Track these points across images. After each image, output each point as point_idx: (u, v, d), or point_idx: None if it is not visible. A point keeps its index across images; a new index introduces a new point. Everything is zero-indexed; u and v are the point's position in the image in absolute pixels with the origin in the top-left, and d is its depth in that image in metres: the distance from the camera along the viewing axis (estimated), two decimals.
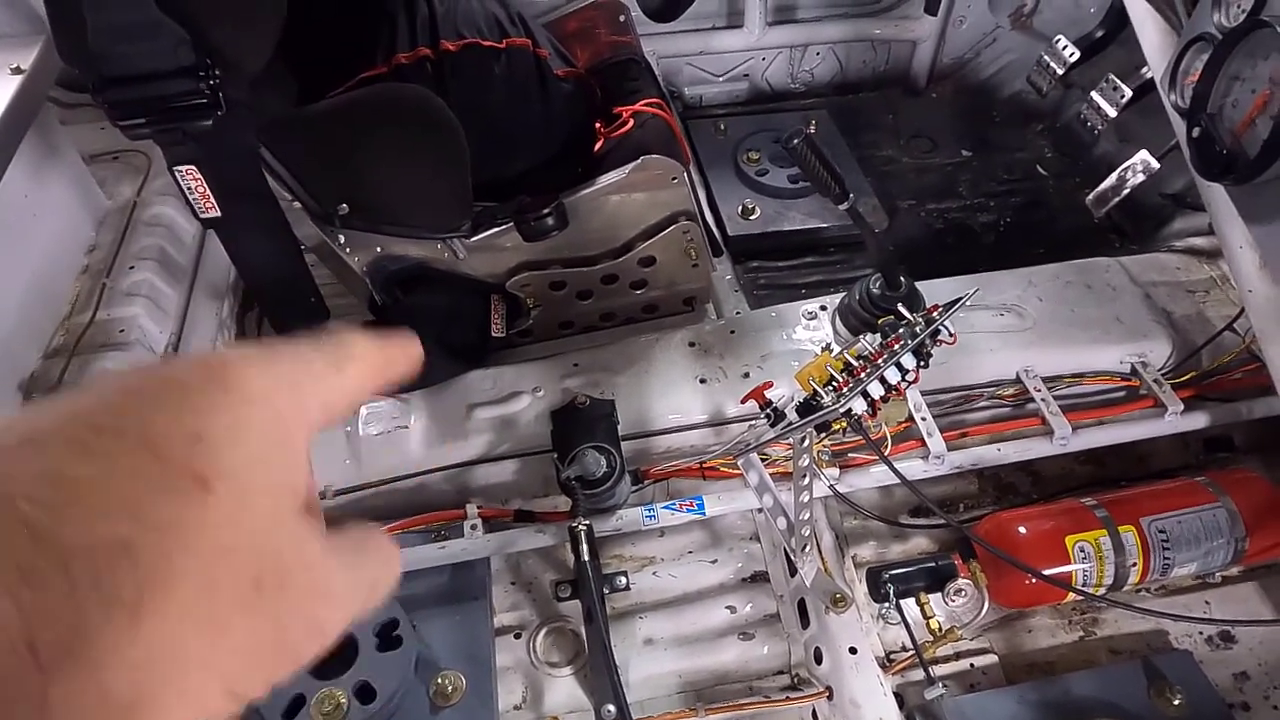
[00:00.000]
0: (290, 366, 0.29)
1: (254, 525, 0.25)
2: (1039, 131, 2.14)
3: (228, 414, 0.26)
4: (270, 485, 0.26)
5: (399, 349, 0.35)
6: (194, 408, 0.25)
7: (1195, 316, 1.39)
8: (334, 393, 0.31)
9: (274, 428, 0.27)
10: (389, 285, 1.33)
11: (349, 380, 0.32)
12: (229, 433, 0.25)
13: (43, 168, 1.35)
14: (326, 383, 0.31)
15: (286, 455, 0.27)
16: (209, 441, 0.25)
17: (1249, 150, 0.86)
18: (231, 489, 0.24)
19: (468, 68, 1.25)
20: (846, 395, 0.91)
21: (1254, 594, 1.21)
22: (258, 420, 0.26)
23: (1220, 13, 0.92)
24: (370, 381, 0.33)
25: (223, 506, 0.24)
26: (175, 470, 0.24)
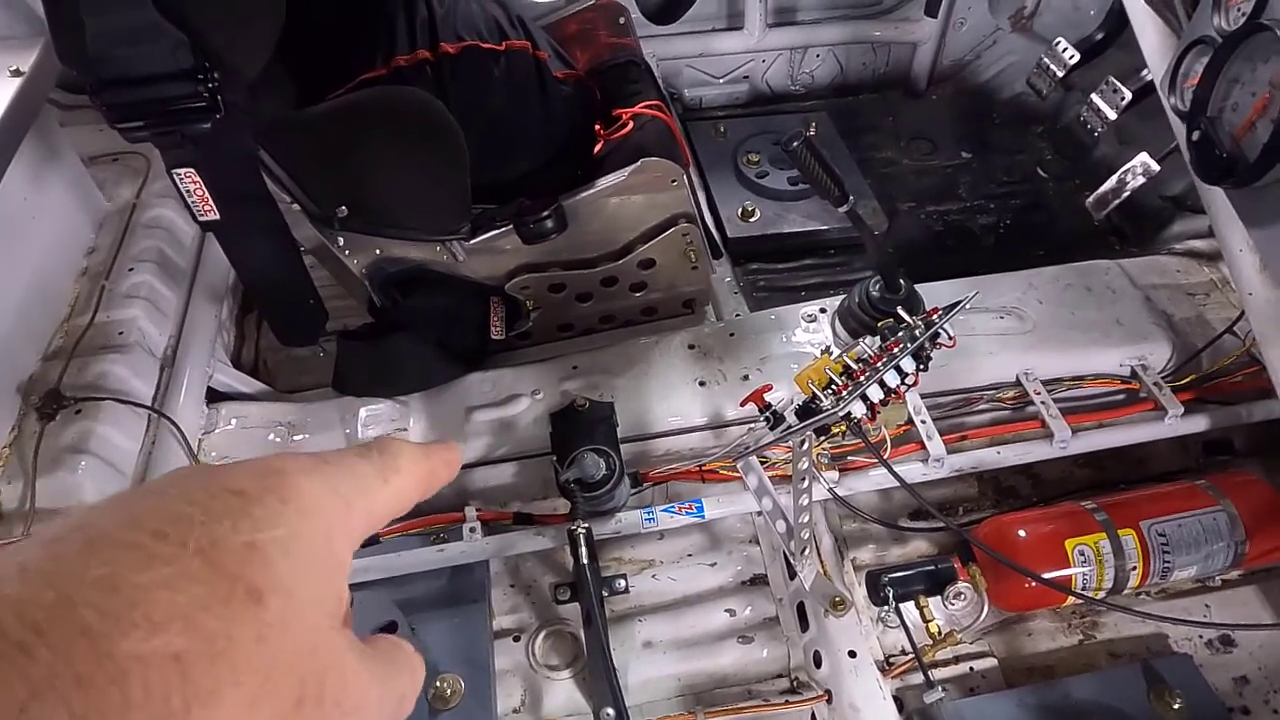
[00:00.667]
0: (341, 479, 0.30)
1: (299, 641, 0.25)
2: (1039, 134, 2.14)
3: (283, 527, 0.26)
4: (316, 599, 0.27)
5: (442, 460, 0.36)
6: (251, 518, 0.26)
7: (1195, 319, 1.39)
8: (378, 505, 0.32)
9: (323, 541, 0.28)
10: (388, 287, 1.33)
11: (393, 491, 0.33)
12: (282, 545, 0.26)
13: (42, 170, 1.34)
14: (372, 495, 0.32)
15: (332, 568, 0.28)
16: (263, 553, 0.25)
17: (1249, 154, 0.86)
18: (281, 603, 0.25)
19: (467, 70, 1.25)
20: (846, 398, 0.91)
21: (1254, 597, 1.21)
22: (309, 533, 0.27)
23: (1220, 16, 0.92)
24: (413, 490, 0.34)
25: (272, 620, 0.25)
26: (229, 582, 0.24)
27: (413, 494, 0.34)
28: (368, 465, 0.32)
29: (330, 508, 0.29)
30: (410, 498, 0.34)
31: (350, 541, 0.30)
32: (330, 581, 0.28)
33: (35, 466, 1.12)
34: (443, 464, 0.36)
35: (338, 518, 0.29)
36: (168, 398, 1.28)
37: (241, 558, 0.25)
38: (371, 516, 0.31)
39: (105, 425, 1.17)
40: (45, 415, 1.17)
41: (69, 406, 1.18)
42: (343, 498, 0.29)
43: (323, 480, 0.29)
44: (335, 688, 0.26)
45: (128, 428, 1.20)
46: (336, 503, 0.29)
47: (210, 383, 1.36)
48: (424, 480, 0.35)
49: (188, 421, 1.26)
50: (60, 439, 1.15)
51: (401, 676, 0.32)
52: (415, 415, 1.30)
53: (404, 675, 0.32)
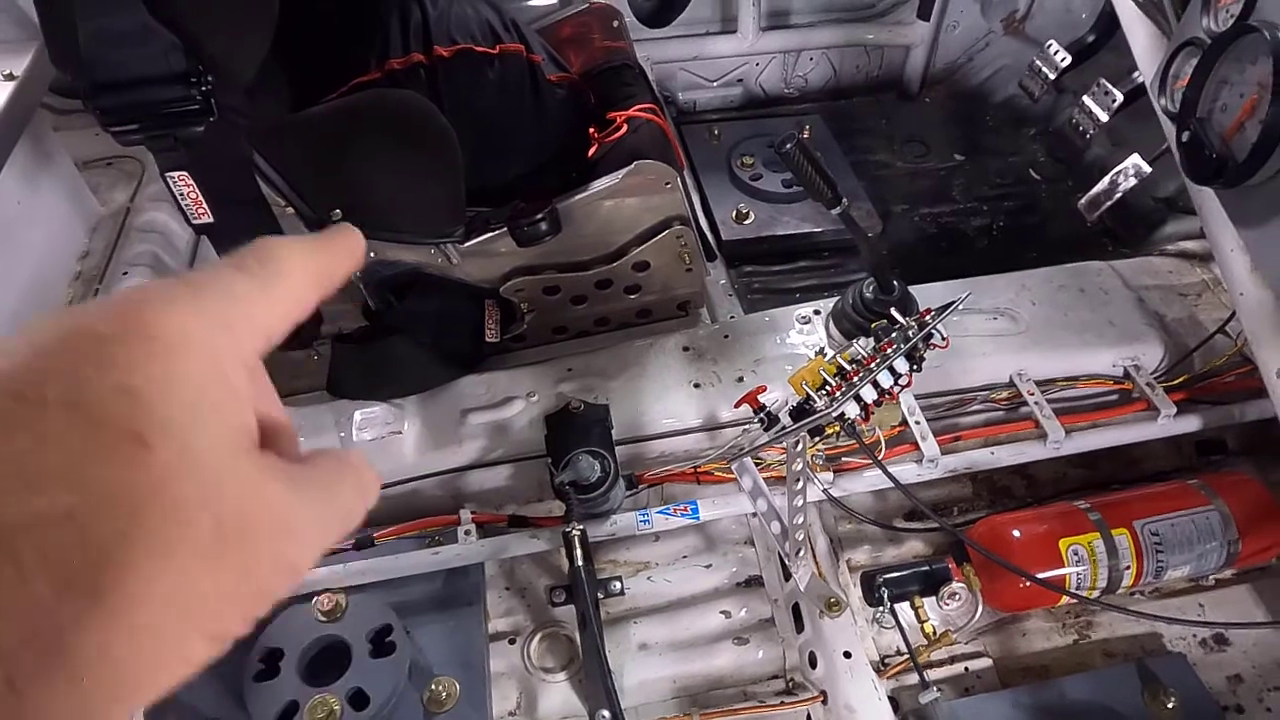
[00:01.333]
0: (215, 299, 0.27)
1: (203, 476, 0.24)
2: (1031, 136, 2.15)
3: (155, 363, 0.24)
4: (214, 430, 0.25)
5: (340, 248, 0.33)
6: (118, 361, 0.23)
7: (1188, 320, 1.39)
8: (268, 316, 0.29)
9: (208, 369, 0.25)
10: (383, 290, 1.33)
11: (280, 298, 0.30)
12: (160, 383, 0.24)
13: (35, 174, 1.35)
14: (257, 307, 0.29)
15: (226, 395, 0.26)
16: (139, 395, 0.23)
17: (1238, 154, 0.86)
18: (172, 442, 0.23)
19: (461, 73, 1.25)
20: (839, 399, 0.91)
21: (1247, 596, 1.21)
22: (188, 364, 0.25)
23: (1209, 17, 0.93)
24: (307, 292, 0.31)
25: (166, 462, 0.23)
26: (109, 431, 0.22)
27: (308, 293, 0.31)
28: (243, 277, 0.29)
29: (205, 333, 0.26)
30: (305, 298, 0.31)
31: (241, 363, 0.27)
32: (228, 410, 0.25)
33: None
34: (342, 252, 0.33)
35: (219, 342, 0.26)
36: None
37: (114, 403, 0.23)
38: (263, 331, 0.29)
39: None
40: None
41: None
42: (219, 319, 0.27)
43: (191, 305, 0.26)
44: (259, 515, 0.25)
45: None
46: (212, 327, 0.26)
47: None
48: (319, 276, 0.31)
49: None
50: None
51: (343, 491, 0.30)
52: (410, 418, 1.30)
53: (346, 489, 0.30)
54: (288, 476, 0.27)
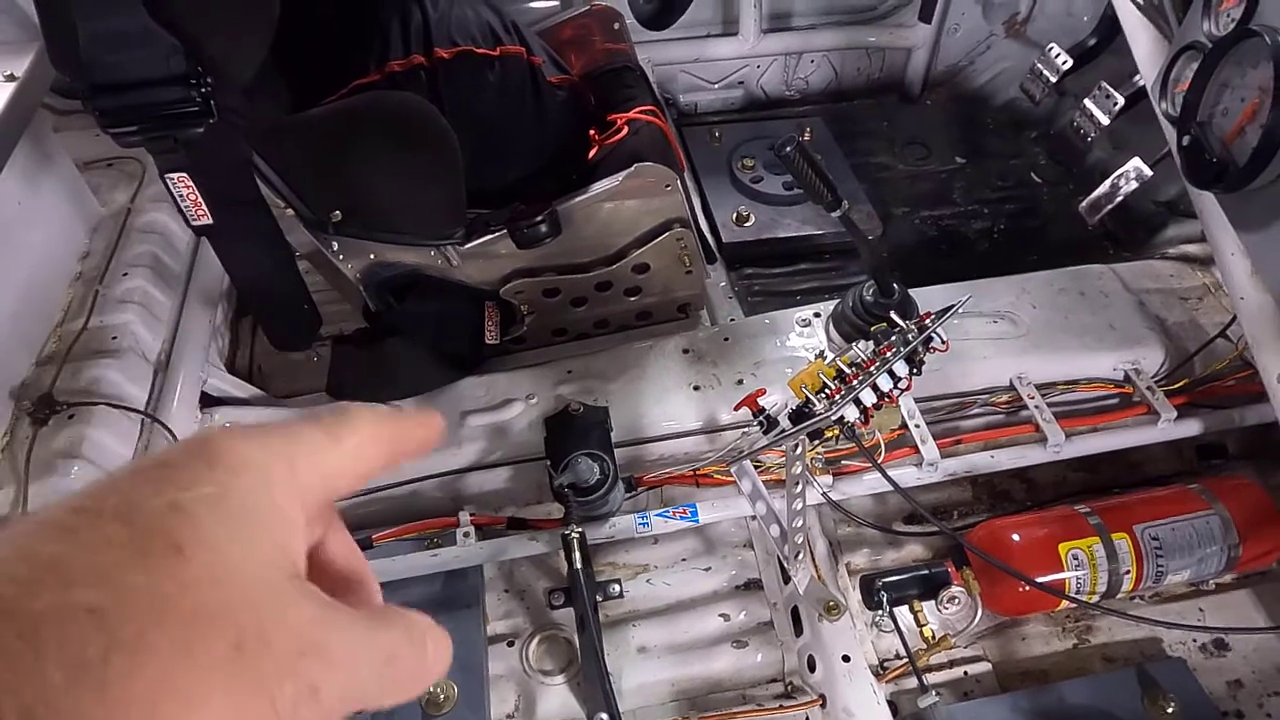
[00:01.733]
0: (281, 438, 0.29)
1: (233, 591, 0.24)
2: (1033, 139, 2.14)
3: (209, 485, 0.26)
4: (254, 551, 0.26)
5: (412, 421, 0.34)
6: (174, 481, 0.25)
7: (1188, 323, 1.39)
8: (331, 464, 0.31)
9: (259, 496, 0.27)
10: (382, 292, 1.33)
11: (347, 451, 0.31)
12: (209, 502, 0.25)
13: (36, 175, 1.34)
14: (322, 454, 0.30)
15: (273, 522, 0.27)
16: (186, 510, 0.25)
17: (1238, 158, 0.86)
18: (208, 555, 0.24)
19: (461, 75, 1.25)
20: (839, 402, 0.91)
21: (1247, 601, 1.21)
22: (241, 489, 0.26)
23: (1210, 21, 0.93)
24: (375, 452, 0.33)
25: (198, 571, 0.24)
26: (149, 539, 0.24)
27: (375, 453, 0.32)
28: (313, 426, 0.31)
29: (265, 464, 0.28)
30: (372, 457, 0.32)
31: (298, 497, 0.28)
32: (271, 533, 0.27)
33: (27, 471, 1.12)
34: (415, 425, 0.34)
35: (276, 473, 0.28)
36: (161, 402, 1.27)
37: (162, 517, 0.24)
38: (324, 473, 0.30)
39: (98, 430, 1.17)
40: (38, 420, 1.17)
41: (62, 411, 1.18)
42: (281, 455, 0.28)
43: (256, 441, 0.28)
44: (284, 634, 0.25)
45: (120, 433, 1.20)
46: (273, 460, 0.28)
47: (204, 387, 1.36)
48: (390, 440, 0.33)
49: (181, 426, 1.26)
50: (53, 444, 1.15)
51: (391, 634, 0.29)
52: None
53: (395, 633, 0.30)
54: (331, 606, 0.27)
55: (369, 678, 0.28)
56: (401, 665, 0.30)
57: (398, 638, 0.30)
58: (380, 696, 0.29)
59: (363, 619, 0.28)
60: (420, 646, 0.31)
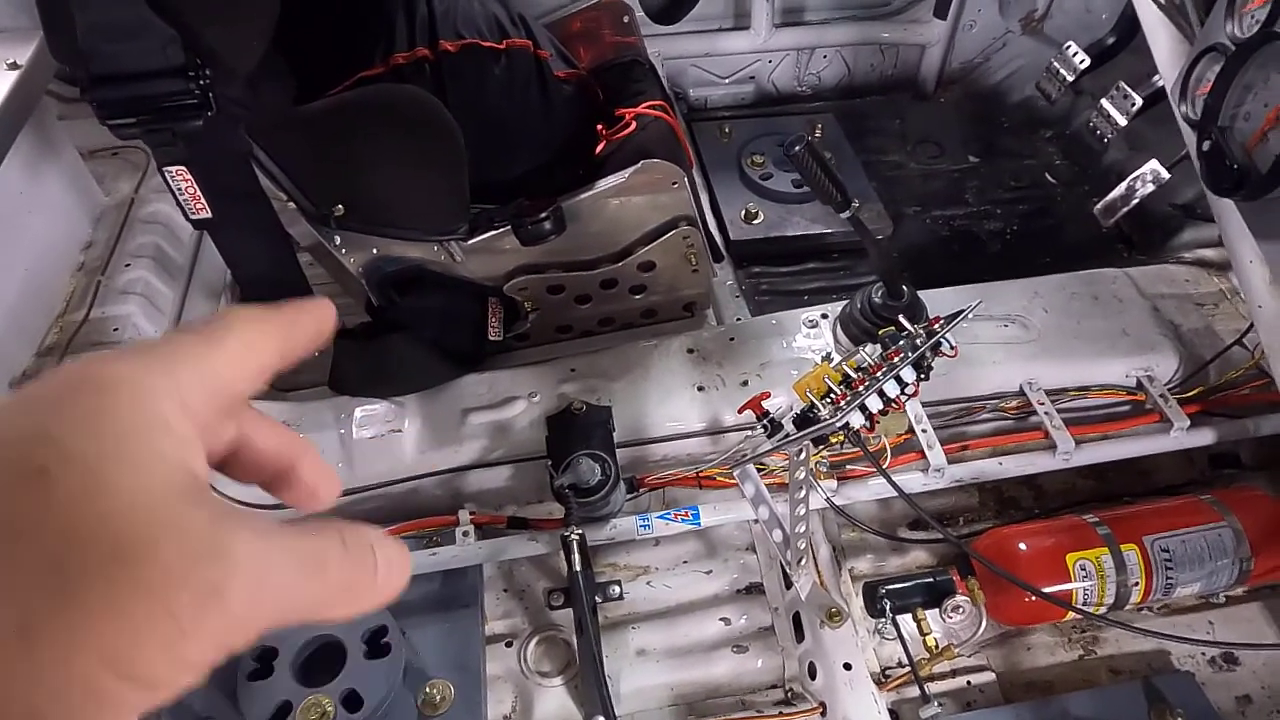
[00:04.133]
0: (156, 351, 0.29)
1: (110, 504, 0.24)
2: (1048, 138, 2.11)
3: (78, 406, 0.25)
4: (133, 465, 0.25)
5: (298, 309, 0.34)
6: (44, 408, 0.25)
7: (1204, 330, 1.36)
8: (216, 366, 0.30)
9: (135, 410, 0.26)
10: (385, 287, 1.32)
11: (232, 350, 0.31)
12: (80, 423, 0.25)
13: (39, 163, 1.34)
14: (203, 359, 0.30)
15: (154, 433, 0.26)
16: (55, 435, 0.24)
17: (1260, 165, 0.84)
18: (77, 473, 0.24)
19: (467, 69, 1.23)
20: (844, 408, 0.89)
21: (1259, 615, 1.19)
22: (114, 405, 0.26)
23: (1233, 23, 0.90)
24: (264, 346, 0.32)
25: (66, 491, 0.23)
26: (13, 469, 0.23)
27: (264, 347, 0.32)
28: (188, 333, 0.30)
29: (139, 378, 0.27)
30: (261, 351, 0.32)
31: (181, 405, 0.27)
32: (152, 445, 0.26)
33: None
34: (302, 313, 0.34)
35: (154, 385, 0.27)
36: None
37: (26, 442, 0.24)
38: (211, 376, 0.30)
39: None
40: None
41: None
42: (156, 368, 0.28)
43: (129, 358, 0.27)
44: (173, 540, 0.24)
45: None
46: (147, 373, 0.27)
47: None
48: (277, 331, 0.33)
49: None
50: None
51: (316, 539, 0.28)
52: (411, 416, 1.29)
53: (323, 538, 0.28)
54: (233, 512, 0.26)
55: (288, 583, 0.27)
56: (334, 571, 0.28)
57: (326, 543, 0.28)
58: (316, 607, 0.28)
59: (281, 524, 0.27)
60: (359, 554, 0.29)
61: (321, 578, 0.28)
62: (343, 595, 0.29)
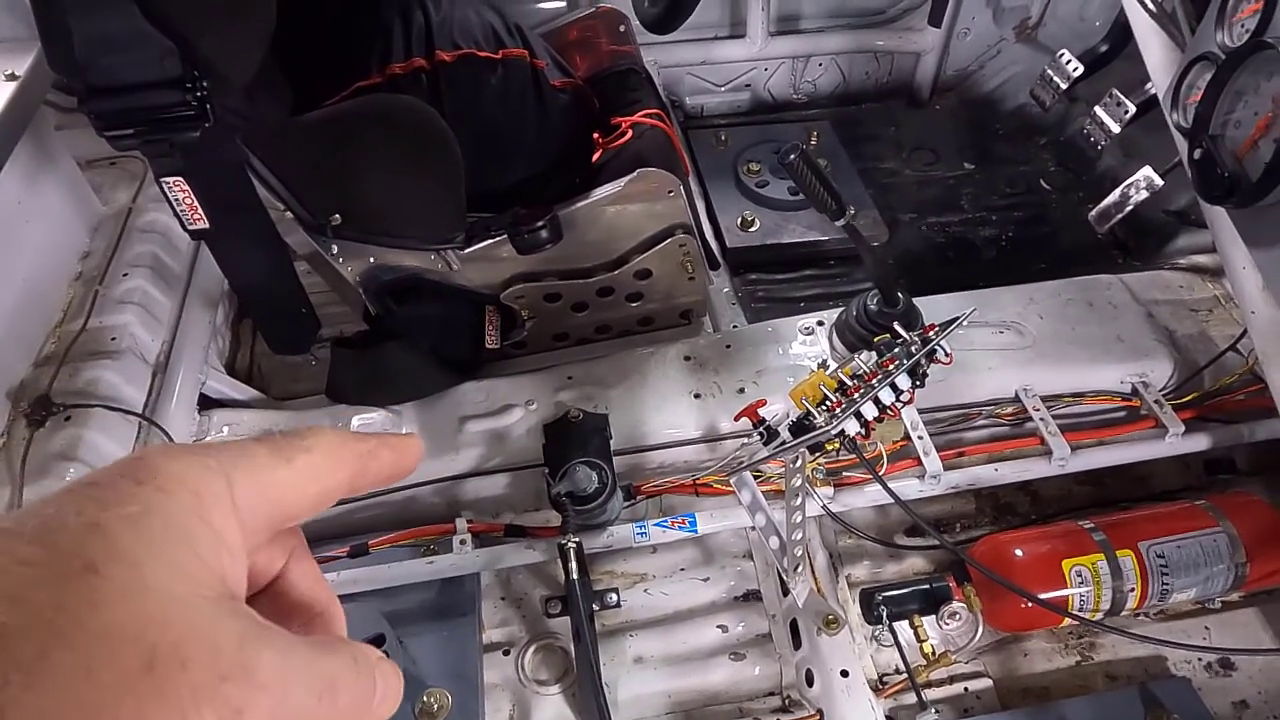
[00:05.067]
0: (220, 456, 0.28)
1: (148, 609, 0.23)
2: (1042, 145, 2.12)
3: (134, 503, 0.25)
4: (176, 569, 0.25)
5: (385, 446, 0.33)
6: (99, 500, 0.25)
7: (1198, 336, 1.37)
8: (278, 483, 0.30)
9: (187, 513, 0.26)
10: (382, 295, 1.32)
11: (298, 470, 0.30)
12: (131, 520, 0.24)
13: (37, 173, 1.34)
14: (266, 473, 0.29)
15: (201, 540, 0.26)
16: (105, 529, 0.24)
17: (1251, 173, 0.84)
18: (124, 573, 0.23)
19: (463, 78, 1.24)
20: (839, 416, 0.89)
21: (1255, 620, 1.19)
22: (167, 507, 0.26)
23: (1224, 32, 0.91)
24: (333, 474, 0.31)
25: (111, 590, 0.23)
26: (63, 558, 0.23)
27: (333, 475, 0.31)
28: (259, 444, 0.30)
29: (197, 481, 0.27)
30: (329, 478, 0.31)
31: (233, 516, 0.27)
32: (197, 552, 0.26)
33: (23, 473, 1.11)
34: (384, 446, 0.33)
35: (210, 491, 0.27)
36: (159, 405, 1.27)
37: (80, 535, 0.24)
38: (269, 493, 0.29)
39: (95, 432, 1.16)
40: (35, 422, 1.17)
41: (59, 413, 1.18)
42: (217, 473, 0.28)
43: (191, 459, 0.27)
44: (204, 654, 0.24)
45: (118, 435, 1.19)
46: (207, 476, 0.27)
47: (203, 389, 1.35)
48: (351, 461, 0.32)
49: (179, 429, 1.25)
50: (49, 446, 1.14)
51: (332, 660, 0.28)
52: (408, 424, 1.29)
53: (337, 660, 0.28)
54: (262, 627, 0.26)
55: (304, 706, 0.27)
56: (343, 695, 0.28)
57: (340, 665, 0.28)
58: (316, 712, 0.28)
59: (301, 642, 0.27)
60: (366, 678, 0.29)
61: (332, 702, 0.28)
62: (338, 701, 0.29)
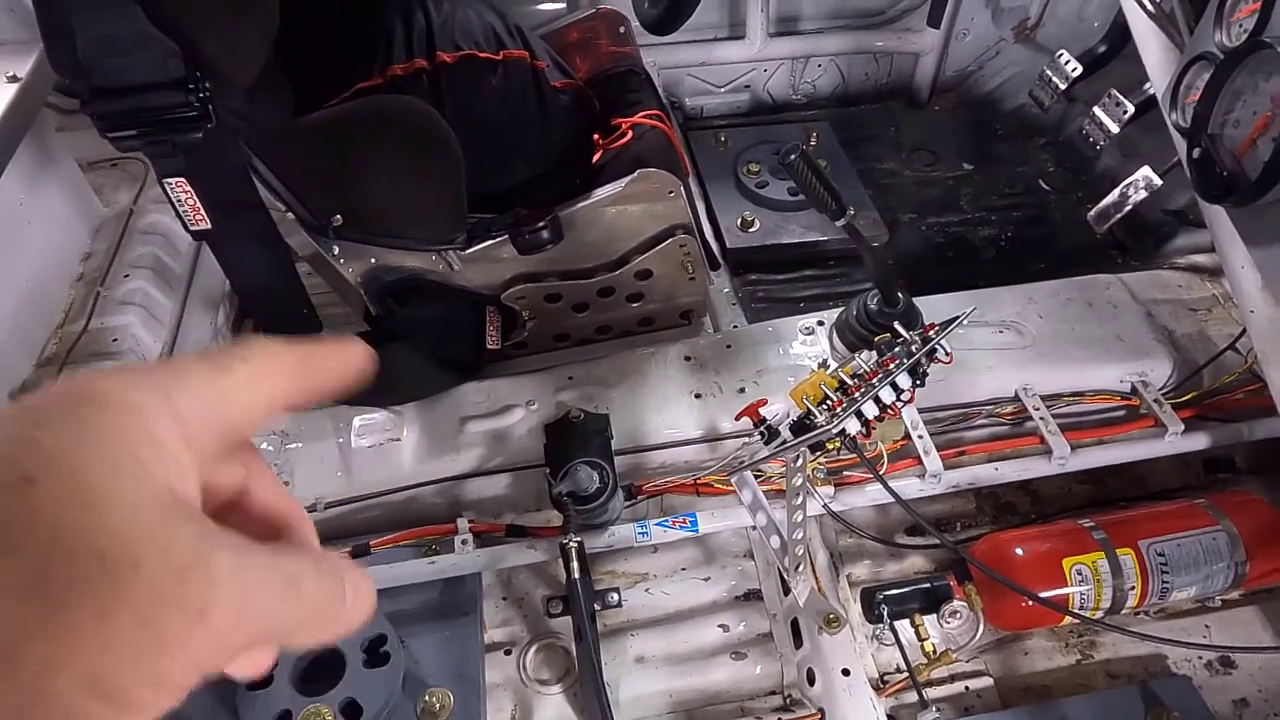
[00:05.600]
0: (161, 373, 0.29)
1: (94, 514, 0.23)
2: (1041, 146, 2.13)
3: (72, 419, 0.25)
4: (120, 479, 0.25)
5: (323, 349, 0.33)
6: (39, 420, 0.25)
7: (1197, 335, 1.37)
8: (221, 394, 0.29)
9: (128, 427, 0.26)
10: (383, 296, 1.33)
11: (239, 380, 0.30)
12: (70, 434, 0.25)
13: (38, 175, 1.34)
14: (206, 384, 0.29)
15: (144, 450, 0.26)
16: (44, 444, 0.24)
17: (1250, 172, 0.85)
18: (62, 481, 0.23)
19: (464, 80, 1.24)
20: (840, 415, 0.90)
21: (1255, 618, 1.19)
22: (103, 416, 0.26)
23: (1222, 32, 0.91)
24: (276, 380, 0.31)
25: (48, 498, 0.23)
26: (1, 475, 0.23)
27: (276, 381, 0.31)
28: (196, 358, 0.30)
29: (134, 397, 0.27)
30: (272, 385, 0.31)
31: (176, 427, 0.27)
32: (141, 462, 0.26)
33: None
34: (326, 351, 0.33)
35: (147, 404, 0.27)
36: None
37: (17, 451, 0.24)
38: (212, 403, 0.29)
39: None
40: None
41: None
42: (157, 389, 0.28)
43: (126, 377, 0.27)
44: (158, 555, 0.24)
45: None
46: (146, 393, 0.27)
47: None
48: (293, 367, 0.32)
49: None
50: None
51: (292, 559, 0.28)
52: (409, 425, 1.30)
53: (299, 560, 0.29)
54: (215, 529, 0.26)
55: (269, 602, 0.27)
56: (309, 593, 0.28)
57: (303, 566, 0.28)
58: (292, 630, 0.28)
59: (258, 546, 0.27)
60: (332, 578, 0.29)
61: (298, 599, 0.28)
62: (315, 619, 0.29)
